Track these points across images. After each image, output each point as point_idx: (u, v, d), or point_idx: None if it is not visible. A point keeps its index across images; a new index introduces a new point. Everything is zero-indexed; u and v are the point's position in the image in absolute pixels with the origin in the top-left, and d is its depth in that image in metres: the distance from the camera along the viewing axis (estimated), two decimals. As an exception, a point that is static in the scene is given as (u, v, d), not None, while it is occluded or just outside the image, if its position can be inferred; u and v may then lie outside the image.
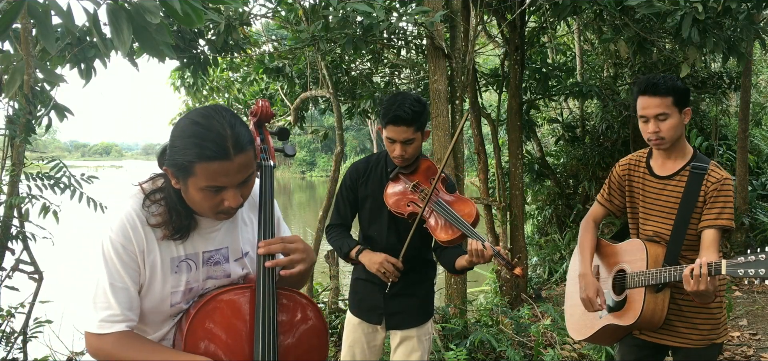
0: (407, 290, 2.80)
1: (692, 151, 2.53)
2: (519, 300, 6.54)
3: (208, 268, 1.70)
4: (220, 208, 1.57)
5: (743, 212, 7.35)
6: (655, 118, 2.43)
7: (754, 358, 4.76)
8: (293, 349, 1.71)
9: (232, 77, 7.83)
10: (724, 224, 2.40)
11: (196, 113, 1.55)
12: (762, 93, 12.14)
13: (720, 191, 2.42)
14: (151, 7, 1.75)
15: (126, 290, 1.57)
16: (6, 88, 3.68)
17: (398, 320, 2.82)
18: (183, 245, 1.65)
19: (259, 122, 1.83)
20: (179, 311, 1.69)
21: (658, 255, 2.49)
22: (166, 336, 1.70)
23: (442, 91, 4.87)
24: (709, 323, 2.52)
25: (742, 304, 6.10)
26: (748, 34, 4.61)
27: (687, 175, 2.48)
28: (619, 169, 2.70)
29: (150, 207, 1.61)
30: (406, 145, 2.62)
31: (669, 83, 2.41)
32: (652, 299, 2.47)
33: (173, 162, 1.53)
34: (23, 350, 4.24)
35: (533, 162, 9.26)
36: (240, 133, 1.52)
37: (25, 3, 1.73)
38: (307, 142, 40.36)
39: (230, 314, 1.65)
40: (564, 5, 4.95)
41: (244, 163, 1.53)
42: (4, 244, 3.97)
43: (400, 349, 2.82)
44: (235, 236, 1.75)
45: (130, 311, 1.58)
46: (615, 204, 2.74)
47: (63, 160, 4.39)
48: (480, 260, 2.49)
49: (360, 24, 4.50)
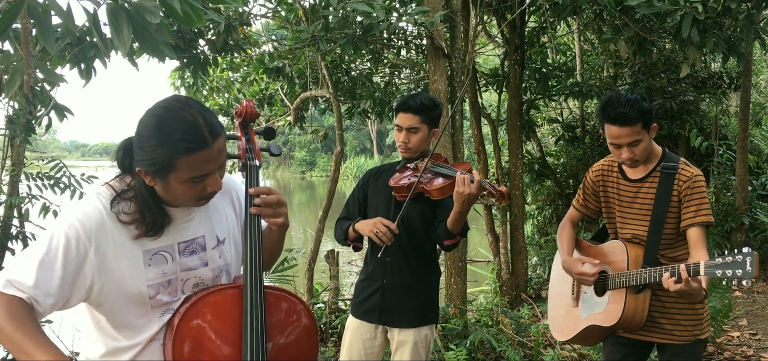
0: (407, 286, 2.78)
1: (661, 152, 2.57)
2: (519, 300, 6.54)
3: (185, 258, 1.69)
4: (203, 194, 1.60)
5: (743, 212, 7.35)
6: (628, 146, 2.45)
7: (754, 358, 4.76)
8: (282, 348, 1.71)
9: (232, 77, 7.82)
10: (703, 220, 2.43)
11: (161, 109, 1.53)
12: (762, 93, 12.15)
13: (692, 188, 2.46)
14: (151, 7, 1.76)
15: (52, 273, 1.52)
16: (6, 88, 3.68)
17: (392, 317, 2.79)
18: (157, 239, 1.64)
19: (244, 122, 1.84)
20: (162, 305, 1.67)
21: (638, 256, 2.53)
22: (156, 336, 1.68)
23: (442, 91, 4.87)
24: (692, 319, 2.55)
25: (742, 304, 6.10)
26: (748, 34, 4.61)
27: (658, 176, 2.52)
28: (593, 175, 2.74)
29: (120, 204, 1.60)
30: (410, 132, 2.73)
31: (636, 108, 2.40)
32: (633, 300, 2.51)
33: (150, 161, 1.52)
34: (23, 350, 4.23)
35: (533, 162, 9.25)
36: (211, 119, 1.54)
37: (25, 3, 1.73)
38: (307, 142, 40.35)
39: (218, 314, 1.65)
40: (564, 5, 4.95)
41: (221, 147, 1.56)
42: (4, 244, 3.97)
43: (398, 354, 2.80)
44: (210, 223, 1.75)
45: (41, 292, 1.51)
46: (590, 208, 2.78)
47: (63, 160, 4.39)
48: (467, 189, 2.48)
49: (360, 24, 4.50)
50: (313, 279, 5.99)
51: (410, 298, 2.79)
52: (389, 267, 2.79)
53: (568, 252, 2.73)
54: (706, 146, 7.77)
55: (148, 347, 1.67)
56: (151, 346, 1.67)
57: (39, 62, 3.92)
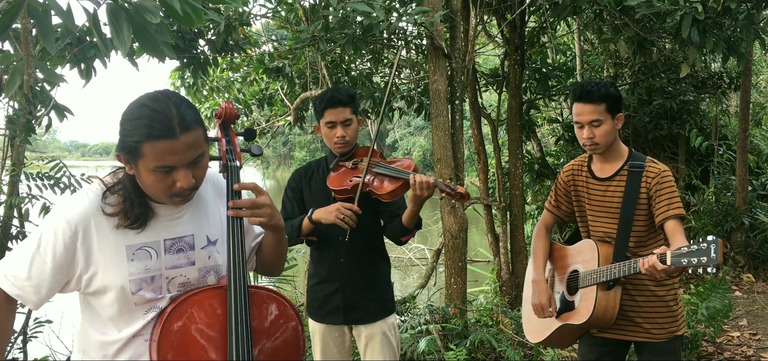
0: (364, 282, 2.81)
1: (628, 152, 2.62)
2: (519, 300, 6.53)
3: (171, 256, 1.69)
4: (173, 190, 1.59)
5: (743, 212, 7.34)
6: (589, 125, 2.53)
7: (754, 358, 4.76)
8: (268, 348, 1.72)
9: (232, 77, 7.82)
10: (676, 212, 2.46)
11: (145, 96, 1.59)
12: (762, 93, 12.14)
13: (661, 183, 2.50)
14: (151, 7, 1.76)
15: (43, 267, 1.60)
16: (6, 88, 3.68)
17: (358, 315, 2.81)
18: (142, 233, 1.65)
19: (224, 124, 1.85)
20: (146, 302, 1.67)
21: (608, 254, 2.57)
22: (140, 332, 1.68)
23: (441, 91, 4.87)
24: (666, 316, 2.58)
25: (742, 304, 6.10)
26: (747, 35, 4.60)
27: (626, 174, 2.57)
28: (564, 176, 2.79)
29: (107, 197, 1.64)
30: (345, 126, 2.73)
31: (602, 90, 2.52)
32: (604, 297, 2.53)
33: (123, 145, 1.57)
34: (23, 350, 4.24)
35: (533, 162, 9.24)
36: (185, 113, 1.55)
37: (25, 3, 1.73)
38: (307, 142, 40.34)
39: (203, 315, 1.66)
40: (564, 5, 4.95)
41: (191, 143, 1.55)
42: (4, 244, 3.97)
43: (368, 350, 2.81)
44: (201, 223, 1.75)
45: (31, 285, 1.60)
46: (563, 210, 2.82)
47: (63, 160, 4.39)
48: (423, 193, 2.52)
49: (360, 24, 4.49)
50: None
51: (371, 292, 2.82)
52: (344, 267, 2.80)
53: (542, 266, 2.78)
54: (706, 146, 7.76)
55: (131, 343, 1.68)
56: (135, 341, 1.69)
57: (39, 62, 3.92)
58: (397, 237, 2.81)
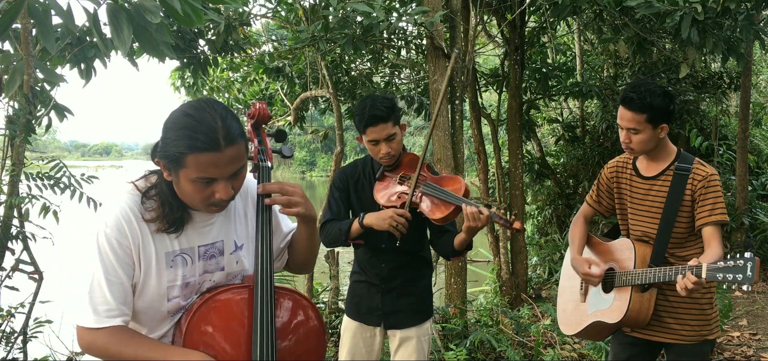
0: (405, 287, 2.81)
1: (675, 152, 2.57)
2: (519, 300, 6.54)
3: (204, 262, 1.70)
4: (211, 200, 1.58)
5: (743, 212, 7.34)
6: (626, 130, 2.49)
7: (754, 358, 4.76)
8: (291, 349, 1.72)
9: (232, 77, 7.82)
10: (719, 218, 2.42)
11: (189, 106, 1.57)
12: (762, 93, 12.14)
13: (708, 186, 2.46)
14: (151, 7, 1.76)
15: (121, 284, 1.58)
16: (6, 88, 3.68)
17: (396, 319, 2.81)
18: (178, 240, 1.65)
19: (256, 124, 1.85)
20: (177, 308, 1.69)
21: (645, 255, 2.54)
22: (165, 335, 1.70)
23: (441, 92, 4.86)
24: (699, 319, 2.54)
25: (742, 304, 6.10)
26: (747, 35, 4.60)
27: (671, 175, 2.52)
28: (607, 172, 2.75)
29: (145, 203, 1.62)
30: (389, 141, 2.65)
31: (646, 100, 2.42)
32: (638, 298, 2.51)
33: (165, 153, 1.55)
34: (23, 350, 4.24)
35: (533, 162, 9.25)
36: (231, 125, 1.53)
37: (25, 3, 1.73)
38: (307, 142, 40.34)
39: (229, 314, 1.66)
40: (564, 5, 4.95)
41: (234, 156, 1.54)
42: (4, 244, 3.97)
43: (401, 350, 2.82)
44: (230, 229, 1.75)
45: (125, 305, 1.59)
46: (604, 205, 2.79)
47: (63, 160, 4.39)
48: (477, 224, 2.50)
49: (360, 24, 4.49)
50: (313, 279, 5.99)
51: (410, 297, 2.82)
52: (386, 272, 2.80)
53: (578, 249, 2.73)
54: (706, 146, 7.76)
55: None
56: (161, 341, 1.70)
57: (39, 62, 3.92)
58: (447, 255, 2.80)
